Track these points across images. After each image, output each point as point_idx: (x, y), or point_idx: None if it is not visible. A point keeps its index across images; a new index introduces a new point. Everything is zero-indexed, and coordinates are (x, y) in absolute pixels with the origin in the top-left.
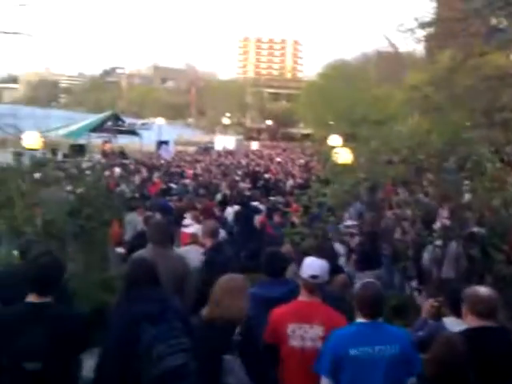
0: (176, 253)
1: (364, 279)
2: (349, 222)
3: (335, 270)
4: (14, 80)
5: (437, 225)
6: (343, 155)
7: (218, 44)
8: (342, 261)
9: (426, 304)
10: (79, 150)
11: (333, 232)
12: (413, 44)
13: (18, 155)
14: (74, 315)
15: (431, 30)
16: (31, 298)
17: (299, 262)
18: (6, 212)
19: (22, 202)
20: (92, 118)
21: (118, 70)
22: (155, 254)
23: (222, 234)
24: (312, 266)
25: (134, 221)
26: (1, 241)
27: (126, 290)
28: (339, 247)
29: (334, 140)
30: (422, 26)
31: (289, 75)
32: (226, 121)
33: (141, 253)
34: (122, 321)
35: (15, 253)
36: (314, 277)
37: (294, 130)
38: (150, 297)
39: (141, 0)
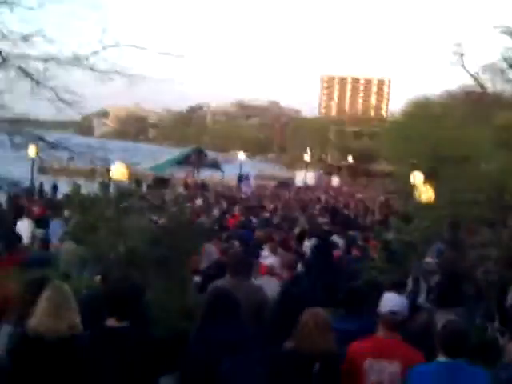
0: (254, 284)
1: (444, 317)
2: (429, 260)
3: (416, 306)
4: (106, 115)
5: None
6: (425, 192)
7: (301, 81)
8: (422, 298)
9: (510, 346)
10: (163, 182)
11: (414, 269)
12: (502, 84)
13: (105, 185)
14: (151, 340)
15: None
16: (110, 322)
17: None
18: (91, 238)
19: (106, 229)
20: (177, 153)
21: (204, 107)
22: (233, 285)
23: (300, 267)
24: (391, 301)
25: (211, 251)
26: (85, 265)
27: (206, 318)
28: (422, 284)
29: (417, 177)
30: None
31: (372, 113)
32: (307, 157)
33: (220, 283)
34: (201, 348)
35: (97, 278)
36: (393, 313)
37: (375, 167)
38: (230, 326)
39: (225, 38)
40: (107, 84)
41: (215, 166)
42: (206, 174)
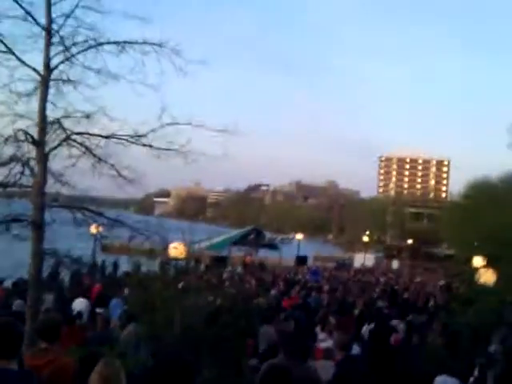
0: (308, 365)
1: None
2: (493, 347)
3: None
4: (167, 194)
5: None
6: (487, 276)
7: (359, 162)
8: None
9: None
10: (221, 261)
11: (478, 356)
12: None
13: (165, 264)
14: None
15: None
16: None
17: None
18: (147, 317)
19: (164, 308)
20: (234, 232)
21: (263, 187)
22: (287, 364)
23: (357, 349)
24: None
25: (268, 333)
26: (140, 345)
27: None
28: (488, 373)
29: (478, 261)
30: None
31: (431, 195)
32: (365, 238)
33: (273, 361)
34: None
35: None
36: None
37: (436, 250)
38: None
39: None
40: (166, 162)
41: (273, 246)
42: (263, 254)
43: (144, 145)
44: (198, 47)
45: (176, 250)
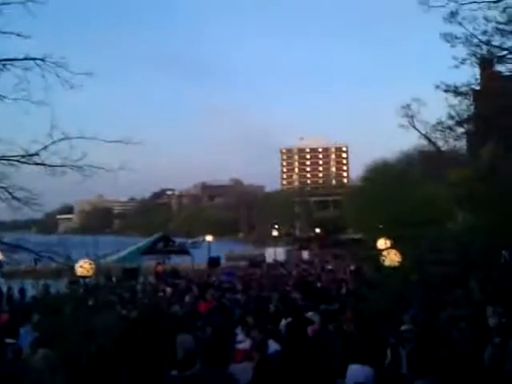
0: (226, 372)
1: None
2: (404, 327)
3: (399, 375)
4: (70, 210)
5: (492, 322)
6: (391, 257)
7: (261, 156)
8: (404, 366)
9: None
10: (132, 273)
11: (390, 337)
12: (453, 141)
13: (73, 283)
14: None
15: (470, 126)
16: None
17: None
18: (61, 342)
19: (76, 329)
20: (142, 242)
21: (168, 192)
22: (204, 374)
23: (276, 347)
24: (356, 373)
25: (186, 341)
26: (56, 372)
27: None
28: (402, 352)
29: (381, 243)
30: (460, 123)
31: (334, 182)
32: (275, 232)
33: (191, 372)
34: None
35: None
36: None
37: (343, 236)
38: None
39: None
40: (64, 178)
41: (184, 251)
42: (176, 261)
43: (36, 163)
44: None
45: (82, 268)
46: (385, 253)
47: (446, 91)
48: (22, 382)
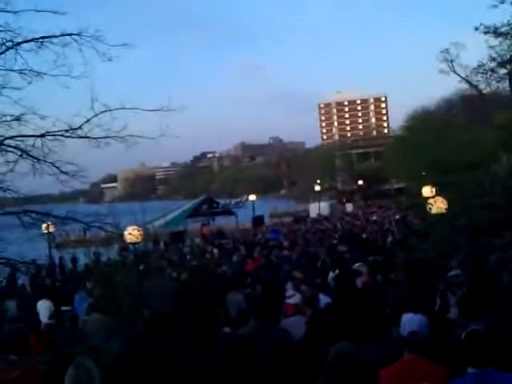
0: (279, 327)
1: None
2: (453, 272)
3: (449, 322)
4: (114, 179)
5: None
6: (437, 205)
7: (299, 113)
8: (453, 312)
9: None
10: (179, 236)
11: (439, 284)
12: (496, 83)
13: (123, 250)
14: None
15: None
16: None
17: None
18: (115, 307)
19: (129, 295)
20: (187, 205)
21: (208, 155)
22: (257, 331)
23: (327, 300)
24: (410, 322)
25: (236, 299)
26: (112, 336)
27: (228, 372)
28: (451, 298)
29: (427, 191)
30: (502, 64)
31: (374, 133)
32: (317, 187)
33: (244, 330)
34: None
35: None
36: (413, 333)
37: (386, 187)
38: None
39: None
40: (108, 149)
41: (228, 212)
42: (220, 222)
43: (80, 137)
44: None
45: (131, 235)
46: (431, 200)
47: (485, 33)
48: (80, 348)
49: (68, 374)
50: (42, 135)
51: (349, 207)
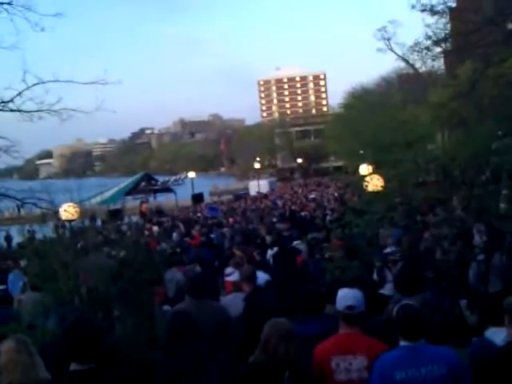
0: (214, 303)
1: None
2: (388, 249)
3: (384, 297)
4: (49, 155)
5: (476, 240)
6: (373, 183)
7: (239, 90)
8: (389, 288)
9: None
10: (117, 214)
11: (375, 260)
12: (431, 62)
13: (59, 227)
14: (118, 379)
15: (447, 45)
16: (73, 367)
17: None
18: (51, 285)
19: (65, 272)
20: (125, 182)
21: (147, 131)
22: (191, 306)
23: (265, 277)
24: (346, 297)
25: (176, 277)
26: (49, 314)
27: (167, 343)
28: (387, 274)
29: (364, 169)
30: (437, 42)
31: (313, 111)
32: (257, 165)
33: (178, 307)
34: (162, 375)
35: None
36: (349, 308)
37: (325, 165)
38: (190, 349)
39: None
40: (42, 124)
41: (167, 189)
42: (160, 199)
43: (12, 110)
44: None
45: (67, 212)
46: (367, 178)
47: (422, 11)
48: (14, 327)
49: (6, 347)
50: None
51: (288, 185)
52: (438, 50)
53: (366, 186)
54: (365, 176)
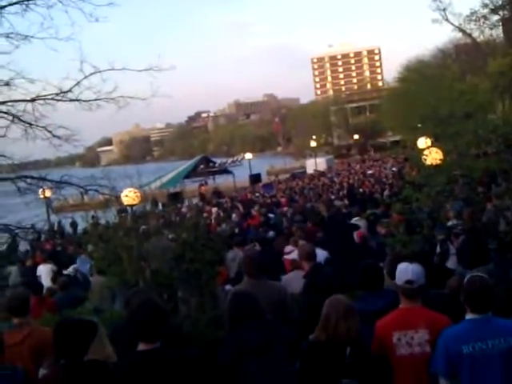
0: (272, 283)
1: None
2: (450, 223)
3: (448, 271)
4: (109, 142)
5: None
6: (432, 156)
7: (292, 69)
8: (453, 261)
9: None
10: (176, 197)
11: (437, 234)
12: (489, 31)
13: (121, 212)
14: (183, 358)
15: (505, 13)
16: (141, 347)
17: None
18: (116, 268)
19: (129, 256)
20: (183, 166)
21: (203, 114)
22: (250, 286)
23: (325, 254)
24: (405, 271)
25: (237, 257)
26: (115, 297)
27: (230, 324)
28: (450, 247)
29: (422, 143)
30: (494, 10)
31: (368, 86)
32: (313, 143)
33: (238, 287)
34: (227, 354)
35: None
36: (409, 282)
37: (382, 140)
38: (253, 328)
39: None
40: (100, 112)
41: (225, 171)
42: (218, 181)
43: (71, 100)
44: None
45: (128, 197)
46: (426, 152)
47: None
48: (83, 310)
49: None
50: (33, 100)
51: (346, 161)
52: (496, 18)
53: (425, 159)
54: (423, 149)
